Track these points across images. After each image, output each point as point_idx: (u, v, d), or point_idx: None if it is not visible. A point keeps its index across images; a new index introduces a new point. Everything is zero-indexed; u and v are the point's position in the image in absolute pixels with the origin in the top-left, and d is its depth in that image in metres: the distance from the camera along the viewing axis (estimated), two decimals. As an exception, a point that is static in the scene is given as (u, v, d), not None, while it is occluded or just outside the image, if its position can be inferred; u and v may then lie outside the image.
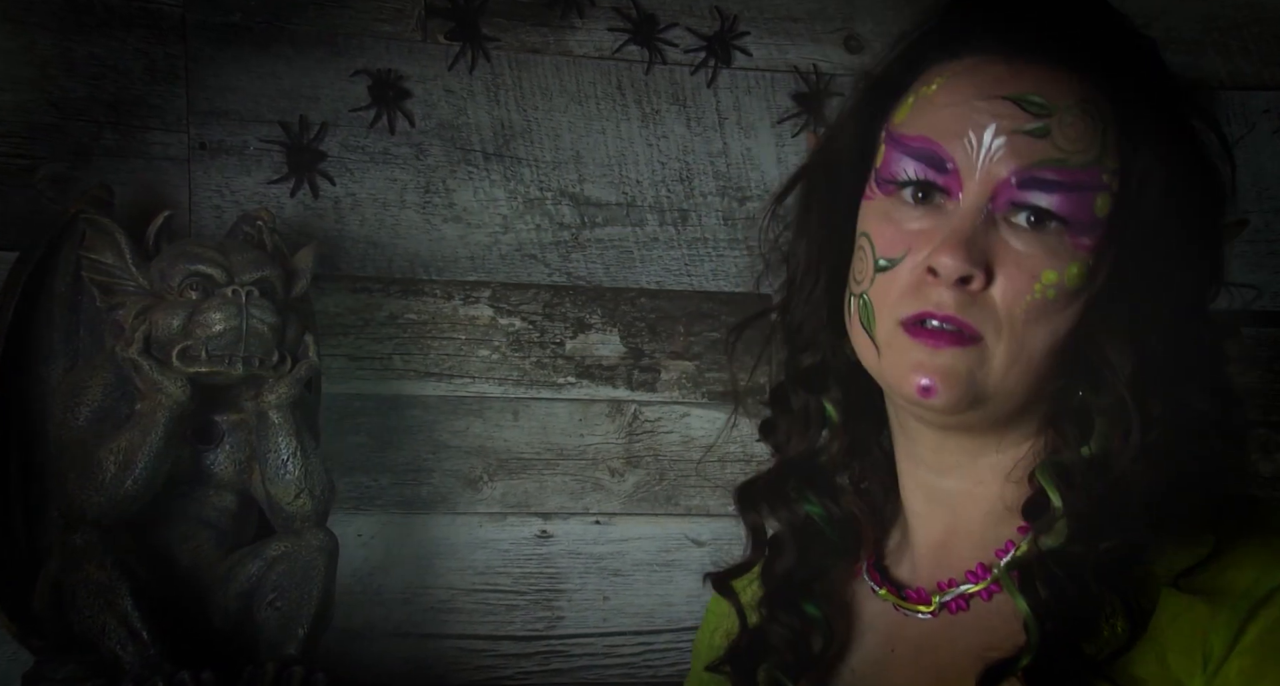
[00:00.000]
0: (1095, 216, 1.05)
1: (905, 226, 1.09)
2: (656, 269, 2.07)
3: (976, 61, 1.09)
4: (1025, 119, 1.05)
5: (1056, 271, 1.05)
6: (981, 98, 1.06)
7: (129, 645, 1.60)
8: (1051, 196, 1.04)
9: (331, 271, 1.94)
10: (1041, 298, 1.05)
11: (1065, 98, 1.05)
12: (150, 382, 1.66)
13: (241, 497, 1.78)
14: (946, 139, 1.07)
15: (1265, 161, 2.14)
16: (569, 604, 2.02)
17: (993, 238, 1.05)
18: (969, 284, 1.04)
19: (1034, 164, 1.04)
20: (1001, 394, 1.07)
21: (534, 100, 2.05)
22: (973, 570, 1.13)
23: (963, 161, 1.06)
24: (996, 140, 1.05)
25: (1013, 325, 1.05)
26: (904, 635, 1.16)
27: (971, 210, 1.06)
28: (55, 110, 1.84)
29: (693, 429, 2.06)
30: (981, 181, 1.05)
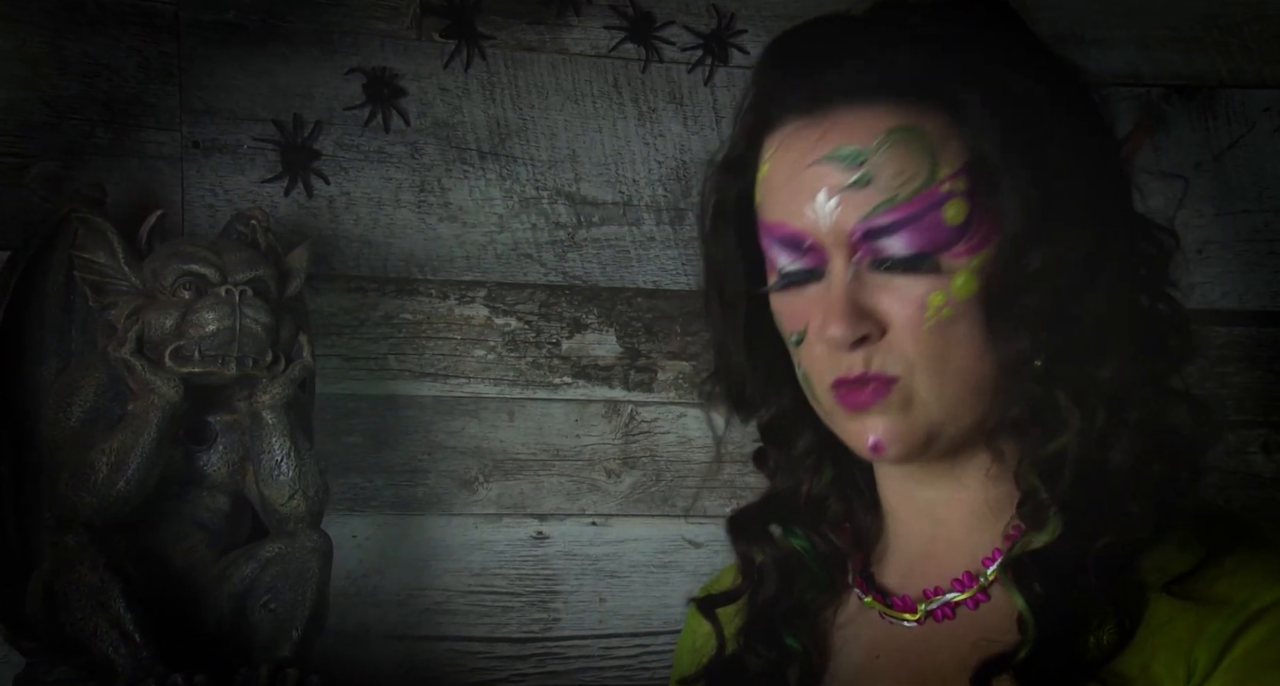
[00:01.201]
0: (952, 227, 1.04)
1: (798, 301, 1.10)
2: (653, 268, 2.07)
3: (789, 129, 1.09)
4: (845, 174, 1.05)
5: (942, 291, 1.05)
6: (803, 167, 1.07)
7: (121, 647, 1.60)
8: (897, 237, 1.04)
9: (326, 271, 1.94)
10: (938, 320, 1.05)
11: (874, 134, 1.05)
12: (143, 383, 1.66)
13: (235, 499, 1.77)
14: (794, 218, 1.08)
15: (1265, 160, 2.13)
16: (565, 605, 2.01)
17: (872, 287, 1.06)
18: (866, 342, 1.06)
19: (867, 215, 1.04)
20: (948, 418, 1.08)
21: (530, 99, 2.05)
22: (959, 578, 1.13)
23: (814, 231, 1.07)
24: (829, 203, 1.06)
25: (923, 357, 1.05)
26: (889, 643, 1.16)
27: (840, 275, 1.06)
28: (48, 108, 1.83)
29: (690, 429, 2.05)
30: (836, 245, 1.06)
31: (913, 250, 1.04)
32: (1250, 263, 2.11)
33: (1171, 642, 0.99)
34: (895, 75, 1.06)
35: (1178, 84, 2.14)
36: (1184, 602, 1.00)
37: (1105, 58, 2.11)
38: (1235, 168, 2.12)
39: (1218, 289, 2.11)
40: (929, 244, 1.04)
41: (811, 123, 1.08)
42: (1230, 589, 0.99)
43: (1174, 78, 2.14)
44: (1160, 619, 1.00)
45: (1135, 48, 2.14)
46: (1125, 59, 2.14)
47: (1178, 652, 0.99)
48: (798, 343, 1.11)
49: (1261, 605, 0.98)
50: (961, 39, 1.08)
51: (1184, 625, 0.99)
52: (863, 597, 1.19)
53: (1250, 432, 2.09)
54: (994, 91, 1.05)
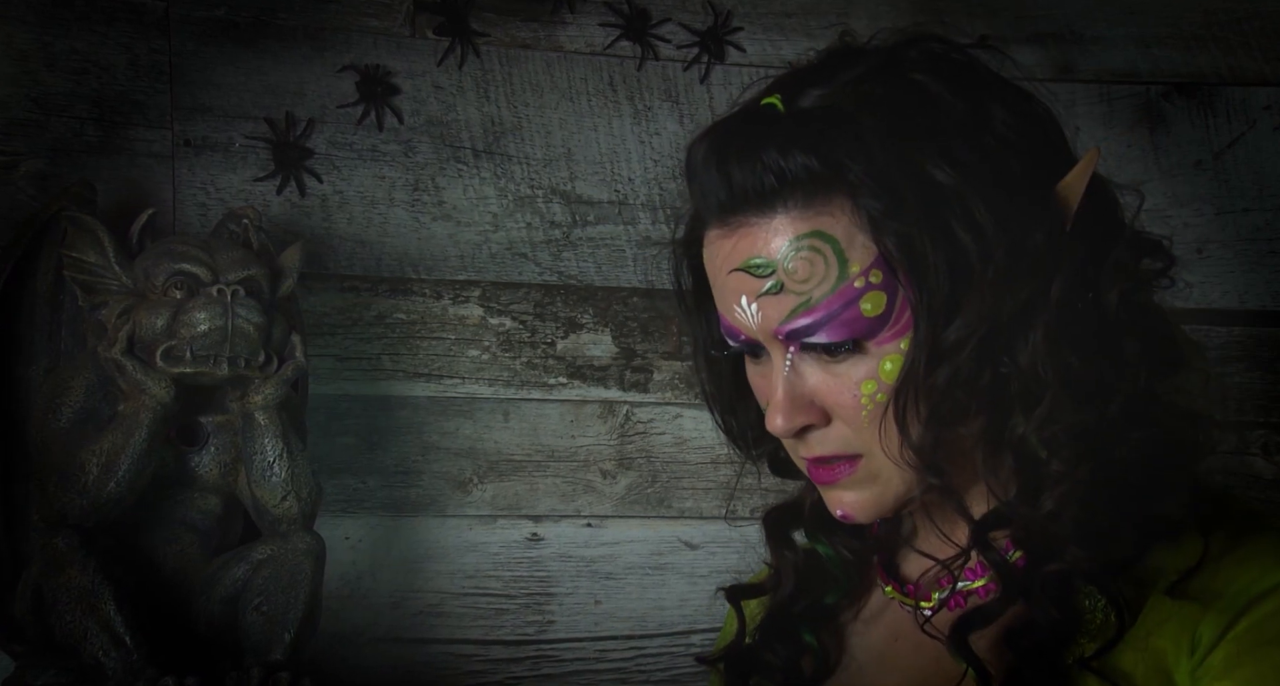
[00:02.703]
0: (872, 318, 1.07)
1: (756, 380, 1.17)
2: (649, 268, 2.05)
3: (712, 235, 1.14)
4: (758, 283, 1.09)
5: (872, 379, 1.08)
6: (724, 274, 1.12)
7: (111, 650, 1.58)
8: (819, 335, 1.08)
9: (319, 270, 1.93)
10: (874, 404, 1.09)
11: (779, 243, 1.08)
12: (133, 383, 1.65)
13: (227, 500, 1.76)
14: (726, 312, 1.14)
15: (1265, 159, 2.12)
16: (560, 608, 2.00)
17: (809, 375, 1.10)
18: (811, 429, 1.11)
19: (784, 319, 1.09)
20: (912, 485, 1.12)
21: (524, 96, 2.04)
22: (972, 567, 1.16)
23: (746, 327, 1.12)
24: (751, 308, 1.10)
25: (871, 437, 1.10)
26: (908, 628, 1.19)
27: (778, 366, 1.11)
28: (36, 106, 1.83)
29: (686, 430, 2.05)
30: (767, 341, 1.11)
31: (836, 340, 1.08)
32: (1250, 262, 2.10)
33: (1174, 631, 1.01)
34: (793, 179, 1.07)
35: (1178, 81, 2.13)
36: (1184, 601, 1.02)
37: (1105, 55, 2.12)
38: (1235, 166, 2.12)
39: (1218, 288, 2.11)
40: (851, 335, 1.08)
41: (726, 232, 1.11)
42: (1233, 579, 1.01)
43: (1174, 75, 2.14)
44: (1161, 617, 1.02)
45: (1135, 45, 2.14)
46: (1125, 57, 2.14)
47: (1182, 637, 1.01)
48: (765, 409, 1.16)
49: (1265, 587, 1.00)
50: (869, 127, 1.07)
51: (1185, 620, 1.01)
52: (883, 587, 1.24)
53: (1250, 433, 2.09)
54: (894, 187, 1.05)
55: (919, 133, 1.07)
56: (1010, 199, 1.07)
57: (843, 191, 1.06)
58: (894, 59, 1.11)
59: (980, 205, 1.05)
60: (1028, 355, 1.06)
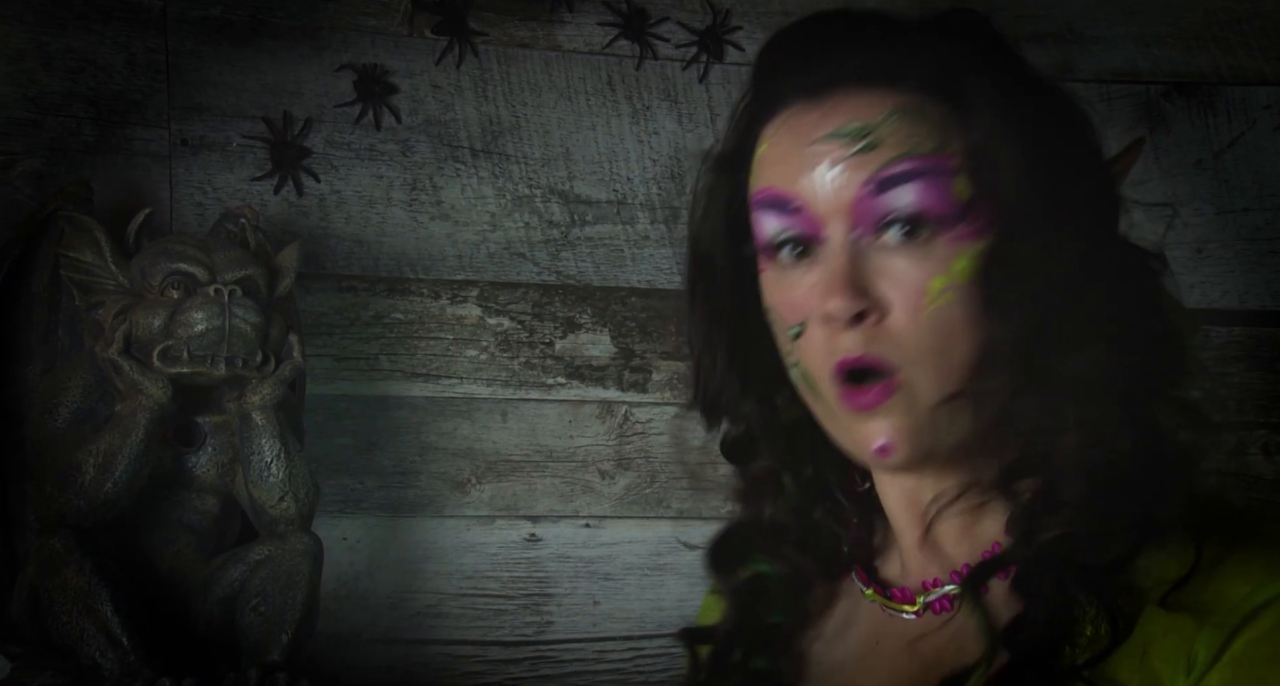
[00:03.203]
0: (960, 203, 1.04)
1: (797, 290, 1.09)
2: (647, 268, 2.05)
3: (789, 114, 1.09)
4: (850, 145, 1.05)
5: (943, 276, 1.04)
6: (804, 146, 1.07)
7: (108, 651, 1.58)
8: (910, 187, 1.04)
9: (316, 270, 1.93)
10: (936, 309, 1.04)
11: (879, 113, 1.05)
12: (130, 383, 1.65)
13: (224, 501, 1.76)
14: (788, 182, 1.08)
15: (1265, 158, 2.13)
16: (558, 608, 2.00)
17: (873, 267, 1.05)
18: (865, 319, 1.04)
19: (883, 165, 1.04)
20: (947, 416, 1.06)
21: (523, 96, 2.03)
22: (957, 570, 1.12)
23: (809, 198, 1.06)
24: (833, 171, 1.05)
25: (921, 346, 1.04)
26: (890, 632, 1.17)
27: (840, 246, 1.06)
28: (32, 105, 1.83)
29: (684, 430, 2.03)
30: (837, 212, 1.06)
31: (921, 208, 1.04)
32: (1250, 261, 2.10)
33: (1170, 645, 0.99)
34: (897, 63, 1.06)
35: (1178, 81, 2.13)
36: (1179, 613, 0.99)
37: (1105, 55, 2.11)
38: (1235, 165, 2.12)
39: (1218, 288, 2.11)
40: (936, 207, 1.04)
41: (812, 105, 1.08)
42: (1228, 589, 0.99)
43: (1174, 75, 2.14)
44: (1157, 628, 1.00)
45: (1135, 45, 2.14)
46: (1125, 56, 2.13)
47: (1178, 653, 0.98)
48: (796, 336, 1.10)
49: (1260, 601, 0.98)
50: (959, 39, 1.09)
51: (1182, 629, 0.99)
52: (864, 590, 1.20)
53: (1250, 434, 2.09)
54: (992, 86, 1.06)
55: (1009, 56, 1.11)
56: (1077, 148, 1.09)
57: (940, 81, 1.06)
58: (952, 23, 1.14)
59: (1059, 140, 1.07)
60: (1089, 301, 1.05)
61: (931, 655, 1.11)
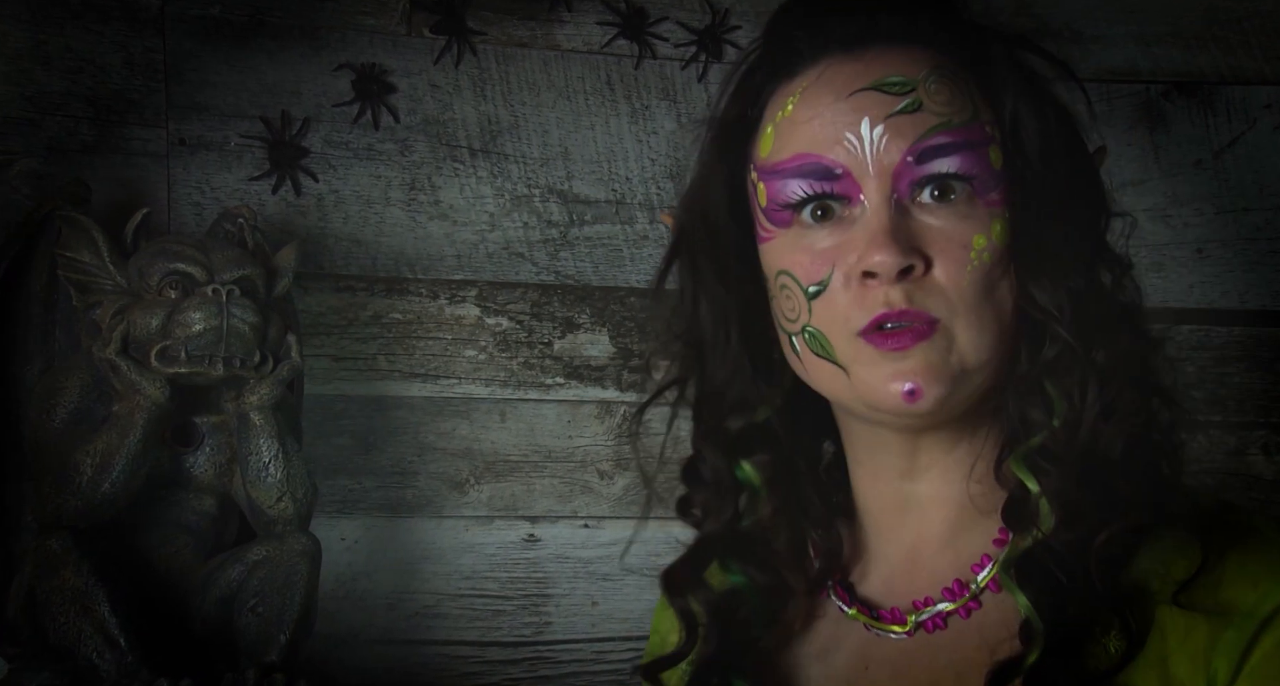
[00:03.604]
0: (994, 170, 1.06)
1: (819, 247, 1.08)
2: (646, 267, 2.05)
3: (821, 69, 1.08)
4: (893, 101, 1.05)
5: (984, 234, 1.05)
6: (842, 98, 1.06)
7: (106, 652, 1.58)
8: (950, 159, 1.05)
9: (314, 270, 1.93)
10: (980, 264, 1.04)
11: (921, 69, 1.06)
12: (128, 383, 1.64)
13: (222, 501, 1.76)
14: (826, 148, 1.06)
15: (1265, 157, 2.12)
16: (557, 609, 2.00)
17: (912, 225, 1.05)
18: (910, 274, 1.04)
19: (923, 136, 1.04)
20: (975, 371, 1.06)
21: (521, 95, 2.03)
22: (949, 586, 1.10)
23: (852, 163, 1.06)
24: (875, 131, 1.05)
25: (964, 299, 1.04)
26: (878, 655, 1.13)
27: (882, 205, 1.05)
28: (30, 104, 1.82)
29: (683, 431, 2.03)
30: (878, 175, 1.05)
31: (961, 171, 1.05)
32: (1251, 261, 2.10)
33: (1189, 653, 0.98)
34: (932, 26, 1.08)
35: (1178, 80, 2.13)
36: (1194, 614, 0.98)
37: (1105, 54, 2.11)
38: (1235, 165, 2.12)
39: (1217, 288, 2.10)
40: (976, 169, 1.05)
41: (850, 58, 1.07)
42: (1237, 594, 0.98)
43: (1174, 74, 2.13)
44: (1171, 630, 0.99)
45: (1135, 44, 2.13)
46: (1125, 55, 2.13)
47: (1197, 662, 0.98)
48: (815, 295, 1.08)
49: (1272, 608, 0.97)
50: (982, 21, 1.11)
51: (1199, 635, 0.98)
52: (846, 610, 1.16)
53: (1250, 434, 2.08)
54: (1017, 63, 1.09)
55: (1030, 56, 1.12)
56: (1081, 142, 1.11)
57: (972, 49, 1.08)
58: None
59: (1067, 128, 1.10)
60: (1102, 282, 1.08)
61: (928, 679, 1.09)
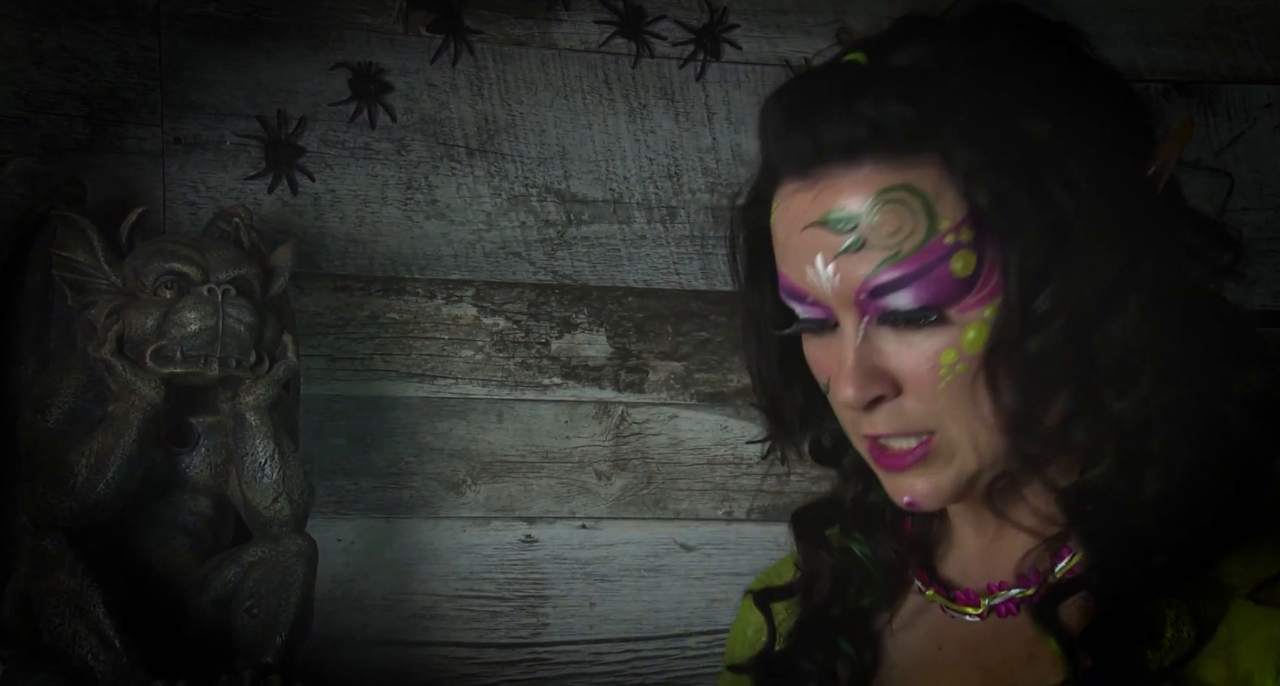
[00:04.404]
0: (961, 279, 1.02)
1: (818, 354, 1.11)
2: (644, 267, 2.04)
3: (787, 190, 1.08)
4: (838, 240, 1.04)
5: (953, 348, 1.03)
6: (798, 230, 1.06)
7: (101, 654, 1.57)
8: (904, 294, 1.03)
9: (311, 270, 1.92)
10: (954, 377, 1.03)
11: (864, 197, 1.03)
12: (123, 384, 1.64)
13: (218, 502, 1.75)
14: (796, 275, 1.08)
15: (1266, 157, 2.12)
16: (554, 610, 1.99)
17: (883, 346, 1.05)
18: (881, 402, 1.05)
19: (870, 275, 1.03)
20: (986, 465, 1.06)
21: (518, 94, 2.02)
22: (1024, 574, 1.10)
23: (817, 291, 1.06)
24: (827, 269, 1.05)
25: (944, 414, 1.04)
26: (952, 635, 1.15)
27: (850, 333, 1.06)
28: (24, 103, 1.82)
29: (681, 431, 2.04)
30: (841, 306, 1.05)
31: (920, 304, 1.02)
32: (1251, 261, 2.08)
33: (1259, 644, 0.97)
34: (886, 130, 1.03)
35: (1177, 79, 2.13)
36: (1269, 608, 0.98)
37: (1104, 53, 2.09)
38: (1236, 164, 2.11)
39: (1217, 288, 2.09)
40: (937, 297, 1.02)
41: (806, 184, 1.06)
42: None
43: (1174, 73, 2.13)
44: (1245, 625, 0.98)
45: (1135, 43, 2.13)
46: (1125, 54, 2.12)
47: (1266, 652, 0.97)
48: (826, 389, 1.10)
49: None
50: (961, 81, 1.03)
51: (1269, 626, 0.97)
52: (924, 590, 1.18)
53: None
54: (989, 141, 1.02)
55: (1014, 89, 1.03)
56: (1106, 162, 1.03)
57: (934, 145, 1.02)
58: (980, 23, 1.08)
59: (1076, 164, 1.01)
60: (1121, 327, 1.01)
61: (998, 664, 1.09)
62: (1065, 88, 1.05)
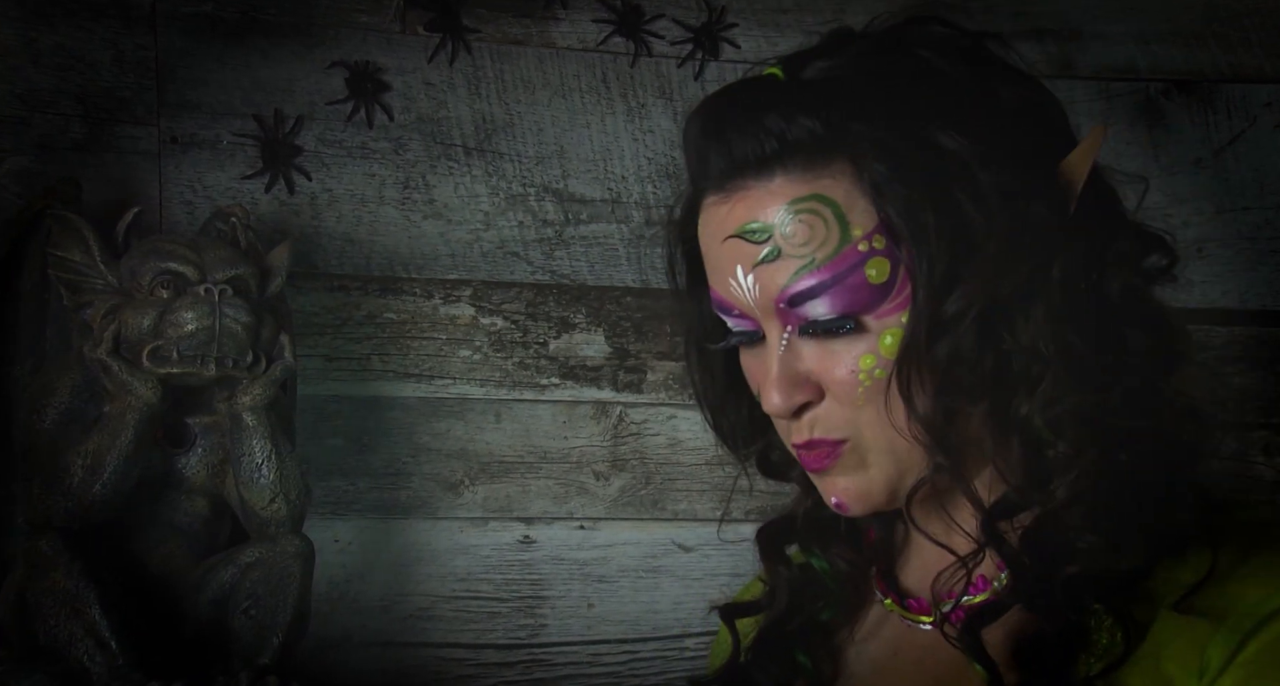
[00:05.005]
0: (877, 285, 1.05)
1: (751, 364, 1.14)
2: (643, 267, 2.04)
3: (708, 203, 1.12)
4: (755, 250, 1.07)
5: (871, 354, 1.06)
6: (718, 242, 1.10)
7: (97, 655, 1.57)
8: (820, 301, 1.05)
9: (308, 269, 1.92)
10: (873, 381, 1.06)
11: (776, 207, 1.06)
12: (120, 384, 1.63)
13: (214, 502, 1.74)
14: (721, 287, 1.11)
15: (1266, 156, 2.12)
16: (552, 611, 1.99)
17: (805, 353, 1.08)
18: (807, 409, 1.09)
19: (786, 284, 1.06)
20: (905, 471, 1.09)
21: (516, 93, 2.02)
22: (974, 581, 1.12)
23: (741, 303, 1.09)
24: (747, 280, 1.08)
25: (864, 417, 1.07)
26: (908, 643, 1.17)
27: (774, 343, 1.09)
28: (20, 102, 1.81)
29: (680, 431, 2.03)
30: (765, 316, 1.09)
31: (837, 312, 1.05)
32: (1251, 261, 2.09)
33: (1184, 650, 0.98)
34: (794, 142, 1.05)
35: (1177, 79, 2.12)
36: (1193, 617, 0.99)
37: (1104, 52, 2.11)
38: (1236, 164, 2.11)
39: (1218, 288, 2.10)
40: (853, 305, 1.05)
41: (722, 198, 1.09)
42: (1242, 595, 0.98)
43: (1173, 72, 2.13)
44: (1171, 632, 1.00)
45: (1134, 42, 2.13)
46: (1124, 53, 2.12)
47: (1190, 657, 0.98)
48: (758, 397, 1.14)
49: (1267, 610, 0.97)
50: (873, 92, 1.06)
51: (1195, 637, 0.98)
52: (883, 599, 1.20)
53: (1250, 435, 2.08)
54: (898, 152, 1.04)
55: (925, 100, 1.05)
56: (1015, 172, 1.05)
57: (845, 155, 1.04)
58: (898, 36, 1.11)
59: (985, 175, 1.03)
60: (1029, 333, 1.04)
61: (947, 670, 1.10)
62: (978, 99, 1.07)
